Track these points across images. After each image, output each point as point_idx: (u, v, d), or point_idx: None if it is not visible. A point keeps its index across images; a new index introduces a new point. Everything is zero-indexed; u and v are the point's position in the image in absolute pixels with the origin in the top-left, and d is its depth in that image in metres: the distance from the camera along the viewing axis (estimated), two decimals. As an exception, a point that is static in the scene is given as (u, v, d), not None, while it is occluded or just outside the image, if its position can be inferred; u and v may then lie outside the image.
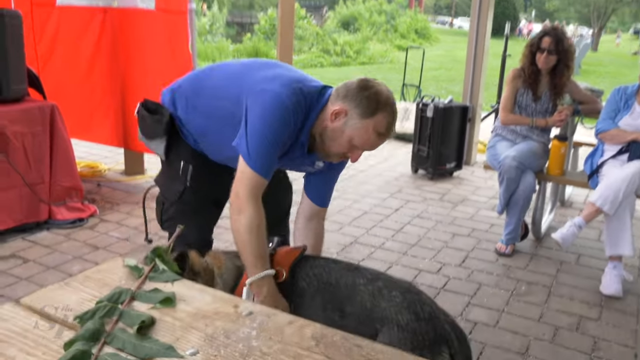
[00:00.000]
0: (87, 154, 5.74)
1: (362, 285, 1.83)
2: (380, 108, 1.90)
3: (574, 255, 3.89)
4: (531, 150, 3.83)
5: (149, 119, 2.28)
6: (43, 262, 3.46)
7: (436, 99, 5.62)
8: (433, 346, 1.72)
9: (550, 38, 3.76)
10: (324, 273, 1.90)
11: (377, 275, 1.88)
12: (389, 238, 4.07)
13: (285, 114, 1.92)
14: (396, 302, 1.76)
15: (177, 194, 2.27)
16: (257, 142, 1.90)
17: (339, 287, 1.86)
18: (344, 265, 1.95)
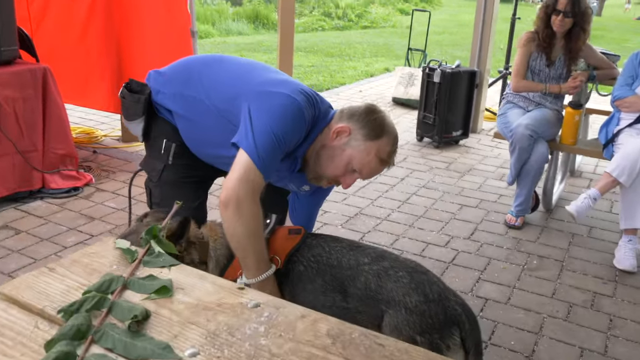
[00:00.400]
0: (83, 120, 5.58)
1: (367, 265, 1.71)
2: (385, 133, 1.83)
3: (586, 227, 3.76)
4: (544, 118, 3.67)
5: (129, 99, 2.12)
6: (36, 234, 3.33)
7: (443, 64, 5.42)
8: (443, 328, 1.62)
9: (568, 0, 3.56)
10: (323, 254, 1.78)
11: (381, 254, 1.76)
12: (395, 209, 3.93)
13: (299, 119, 1.78)
14: (403, 282, 1.66)
15: (158, 173, 2.12)
16: (266, 141, 1.71)
17: (340, 268, 1.74)
18: (345, 244, 1.82)
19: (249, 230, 1.70)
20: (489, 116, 6.40)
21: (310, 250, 1.79)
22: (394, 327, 1.63)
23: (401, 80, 6.95)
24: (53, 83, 3.78)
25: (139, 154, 4.75)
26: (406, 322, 1.61)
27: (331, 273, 1.74)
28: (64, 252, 3.14)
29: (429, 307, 1.61)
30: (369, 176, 1.88)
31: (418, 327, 1.60)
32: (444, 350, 1.60)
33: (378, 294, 1.67)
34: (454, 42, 14.45)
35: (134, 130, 2.16)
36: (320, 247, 1.79)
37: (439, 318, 1.61)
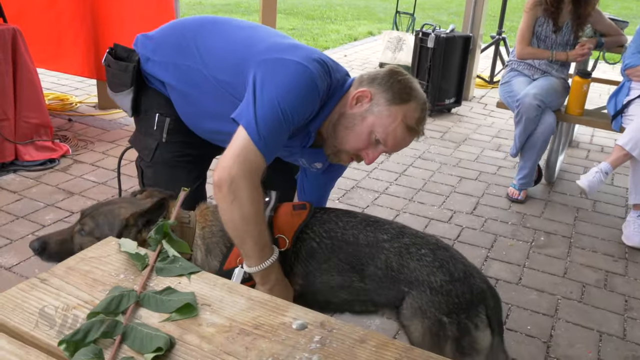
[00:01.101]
0: (55, 85, 5.24)
1: (386, 242, 1.54)
2: (413, 97, 1.59)
3: (590, 201, 3.64)
4: (552, 86, 3.50)
5: (115, 67, 1.85)
6: (11, 211, 3.07)
7: (437, 28, 5.19)
8: (470, 308, 1.50)
9: None
10: (337, 229, 1.59)
11: (401, 230, 1.59)
12: (392, 182, 3.75)
13: (311, 91, 1.53)
14: (427, 261, 1.51)
15: (150, 152, 1.87)
16: (270, 117, 1.48)
17: (358, 245, 1.55)
18: (360, 218, 1.63)
19: (246, 215, 1.46)
20: (480, 83, 6.23)
21: (322, 225, 1.59)
22: (417, 309, 1.49)
23: (389, 45, 6.70)
24: (24, 45, 3.47)
25: (117, 122, 4.48)
26: (431, 303, 1.48)
27: (347, 250, 1.56)
28: (43, 232, 2.89)
29: (455, 287, 1.49)
30: (394, 148, 1.63)
31: (444, 307, 1.48)
32: (472, 330, 1.50)
33: (400, 274, 1.51)
34: (436, 5, 14.18)
35: (122, 103, 1.90)
36: (333, 222, 1.60)
37: (465, 297, 1.49)
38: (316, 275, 1.59)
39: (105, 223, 1.47)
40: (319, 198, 2.02)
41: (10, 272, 2.56)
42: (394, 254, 1.53)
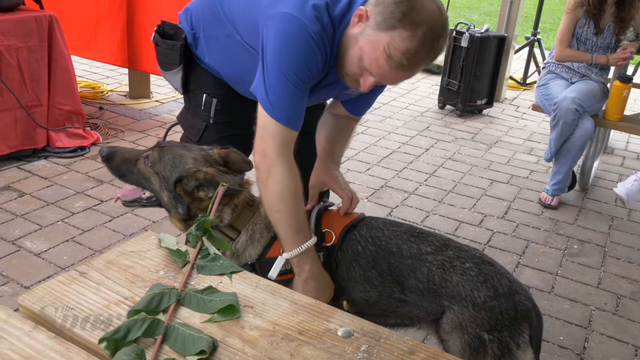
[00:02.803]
0: (87, 73, 5.27)
1: (430, 254, 1.49)
2: (404, 24, 1.33)
3: (625, 210, 3.54)
4: (590, 91, 3.40)
5: (163, 45, 1.83)
6: (41, 197, 3.09)
7: (472, 27, 5.10)
8: (513, 325, 1.44)
9: None
10: (382, 237, 1.54)
11: (445, 243, 1.53)
12: (422, 182, 3.70)
13: (305, 43, 1.42)
14: (471, 275, 1.45)
15: (198, 132, 1.86)
16: (277, 86, 1.43)
17: (401, 256, 1.50)
18: (405, 228, 1.58)
19: (281, 191, 1.44)
20: (512, 85, 6.12)
21: (370, 230, 1.55)
22: (457, 325, 1.44)
23: (421, 43, 6.61)
24: (59, 33, 3.48)
25: (147, 111, 4.49)
26: (473, 319, 1.43)
27: (390, 261, 1.51)
28: (72, 219, 2.90)
29: (499, 303, 1.43)
30: (382, 79, 1.44)
31: (486, 324, 1.42)
32: (514, 349, 1.44)
33: (442, 288, 1.46)
34: (466, 4, 14.00)
35: (172, 80, 1.89)
36: (380, 230, 1.56)
37: (509, 314, 1.43)
38: (357, 281, 1.54)
39: (170, 163, 1.47)
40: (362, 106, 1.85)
41: (39, 257, 2.57)
42: (437, 266, 1.48)
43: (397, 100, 5.50)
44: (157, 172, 1.48)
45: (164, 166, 1.47)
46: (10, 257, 2.57)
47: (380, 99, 5.31)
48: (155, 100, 4.74)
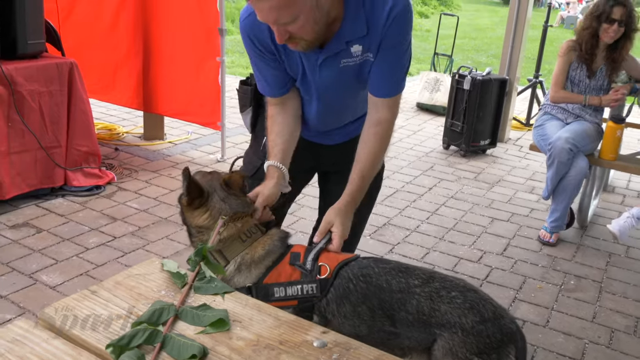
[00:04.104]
0: (104, 115, 5.50)
1: (418, 287, 1.59)
2: None
3: (623, 247, 3.62)
4: (584, 131, 3.53)
5: (240, 90, 2.15)
6: (57, 233, 3.25)
7: (474, 71, 5.28)
8: (500, 347, 1.53)
9: (623, 8, 3.40)
10: (372, 274, 1.65)
11: (431, 275, 1.64)
12: (424, 220, 3.81)
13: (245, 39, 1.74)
14: (457, 303, 1.55)
15: (254, 168, 2.04)
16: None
17: (390, 291, 1.61)
18: (394, 265, 1.69)
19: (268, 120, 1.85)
20: (516, 125, 6.26)
21: (361, 269, 1.67)
22: (448, 350, 1.53)
23: (426, 85, 6.82)
24: (79, 78, 3.70)
25: (161, 152, 4.67)
26: (463, 343, 1.52)
27: (380, 296, 1.62)
28: (86, 254, 3.05)
29: (486, 327, 1.53)
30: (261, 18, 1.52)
31: (475, 347, 1.51)
32: None
33: (431, 317, 1.56)
34: (475, 47, 14.30)
35: (245, 120, 2.16)
36: (370, 268, 1.67)
37: (496, 337, 1.52)
38: (347, 317, 1.65)
39: None
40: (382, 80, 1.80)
41: (54, 290, 2.71)
42: (425, 298, 1.58)
43: (403, 141, 5.65)
44: None
45: None
46: (27, 290, 2.72)
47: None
48: (169, 141, 4.93)
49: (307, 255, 1.62)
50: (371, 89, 1.78)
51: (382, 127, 1.79)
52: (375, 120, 1.78)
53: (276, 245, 1.63)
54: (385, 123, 1.79)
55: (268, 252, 1.63)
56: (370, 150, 1.79)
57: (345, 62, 1.71)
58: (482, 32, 18.97)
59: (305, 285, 1.57)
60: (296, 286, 1.57)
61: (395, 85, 1.78)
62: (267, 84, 1.81)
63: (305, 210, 3.70)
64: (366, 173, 1.79)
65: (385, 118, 1.78)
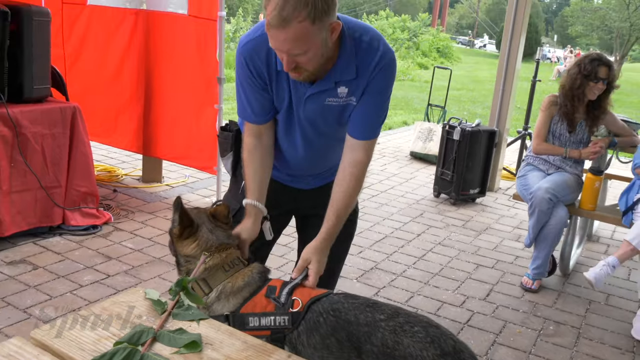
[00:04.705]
0: (105, 158, 5.66)
1: (383, 321, 1.71)
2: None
3: (603, 294, 3.72)
4: (565, 182, 3.68)
5: (221, 135, 2.26)
6: (53, 270, 3.35)
7: (463, 122, 5.47)
8: None
9: (607, 68, 3.60)
10: (342, 309, 1.77)
11: (396, 311, 1.75)
12: (410, 265, 3.92)
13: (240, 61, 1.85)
14: (419, 337, 1.65)
15: (233, 211, 2.16)
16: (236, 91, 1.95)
17: (358, 325, 1.72)
18: (362, 300, 1.81)
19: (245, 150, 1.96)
20: (506, 175, 6.42)
21: (331, 304, 1.78)
22: None
23: (420, 135, 7.01)
24: (81, 122, 3.87)
25: (158, 194, 4.81)
26: None
27: (348, 329, 1.73)
28: (80, 291, 3.15)
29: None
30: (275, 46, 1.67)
31: None
32: None
33: (395, 350, 1.66)
34: (472, 99, 14.61)
35: (225, 165, 2.27)
36: (340, 303, 1.79)
37: None
38: (316, 348, 1.76)
39: None
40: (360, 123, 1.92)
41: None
42: (390, 331, 1.69)
43: (395, 188, 5.80)
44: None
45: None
46: (20, 324, 2.81)
47: (378, 187, 5.67)
48: (166, 184, 5.07)
49: (283, 290, 1.74)
50: (350, 131, 1.91)
51: (358, 169, 1.91)
52: (351, 161, 1.90)
53: (255, 278, 1.76)
54: (360, 165, 1.91)
55: (247, 284, 1.76)
56: (346, 190, 1.90)
57: (330, 101, 1.86)
58: (480, 84, 19.41)
59: (278, 317, 1.69)
60: (270, 317, 1.68)
61: (373, 130, 1.92)
62: (250, 109, 1.91)
63: (294, 253, 3.81)
64: (341, 212, 1.91)
65: (361, 160, 1.90)
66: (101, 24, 4.69)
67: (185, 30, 4.29)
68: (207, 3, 4.11)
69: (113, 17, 4.64)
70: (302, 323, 1.74)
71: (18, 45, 3.55)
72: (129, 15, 4.57)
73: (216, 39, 4.09)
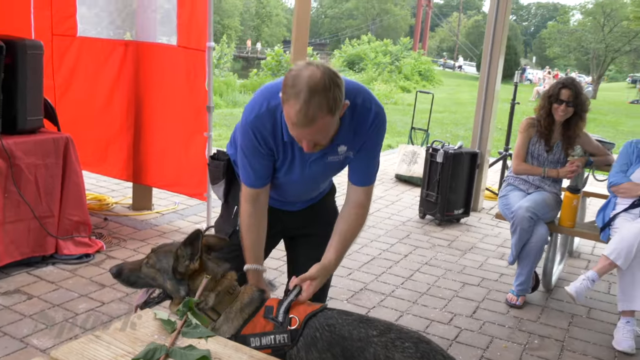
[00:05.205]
0: (94, 187, 5.72)
1: (375, 337, 1.81)
2: (289, 95, 1.74)
3: (585, 308, 3.85)
4: (544, 200, 3.82)
5: (212, 164, 2.38)
6: (48, 299, 3.40)
7: (446, 144, 5.63)
8: None
9: (569, 90, 3.79)
10: (336, 324, 1.87)
11: (388, 327, 1.86)
12: (399, 285, 4.02)
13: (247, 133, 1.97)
14: (410, 352, 1.75)
15: (226, 234, 2.28)
16: (239, 158, 2.07)
17: (351, 340, 1.82)
18: (356, 317, 1.92)
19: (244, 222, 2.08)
20: (489, 195, 6.58)
21: (326, 319, 1.88)
22: None
23: (404, 158, 7.17)
24: (74, 152, 3.94)
25: (149, 222, 4.88)
26: None
27: (342, 344, 1.82)
28: (76, 319, 3.20)
29: None
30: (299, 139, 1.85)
31: None
32: None
33: None
34: (454, 121, 14.86)
35: (217, 192, 2.39)
36: (334, 319, 1.89)
37: None
38: None
39: (164, 257, 1.85)
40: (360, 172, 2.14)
41: (45, 354, 2.85)
42: (382, 347, 1.79)
43: (382, 210, 5.92)
44: (158, 269, 1.85)
45: (161, 262, 1.84)
46: (17, 354, 2.85)
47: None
48: (156, 212, 5.15)
49: (279, 308, 1.84)
50: (352, 179, 2.14)
51: (362, 210, 2.15)
52: (355, 203, 2.13)
53: (255, 296, 1.88)
54: (364, 208, 2.15)
55: (249, 303, 1.87)
56: (352, 224, 2.14)
57: (331, 159, 2.06)
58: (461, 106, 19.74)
59: (277, 336, 1.79)
60: (269, 336, 1.79)
61: (371, 177, 2.17)
62: (254, 174, 2.04)
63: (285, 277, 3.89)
64: (347, 242, 2.15)
65: (364, 203, 2.14)
66: (91, 55, 4.79)
67: (174, 61, 4.40)
68: (195, 34, 4.23)
69: (103, 48, 4.75)
70: (300, 339, 1.84)
71: (12, 78, 3.64)
72: (119, 47, 4.68)
73: (205, 69, 4.20)
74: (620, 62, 43.58)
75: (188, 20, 4.25)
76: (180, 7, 4.29)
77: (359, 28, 56.98)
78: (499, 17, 5.79)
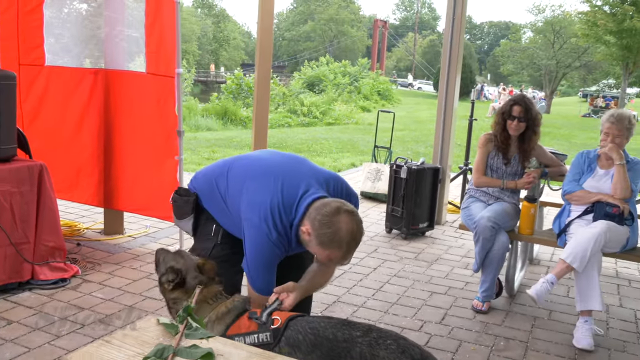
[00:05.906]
0: (64, 213, 5.73)
1: (359, 337, 1.96)
2: (333, 246, 2.14)
3: (546, 311, 4.07)
4: (504, 210, 4.05)
5: (180, 201, 2.56)
6: (28, 324, 3.44)
7: (409, 161, 5.86)
8: None
9: (520, 106, 4.05)
10: (319, 328, 2.02)
11: (369, 328, 2.03)
12: (370, 297, 4.18)
13: (271, 247, 2.24)
14: (392, 349, 1.92)
15: (207, 250, 2.45)
16: (254, 268, 2.27)
17: (336, 341, 1.97)
18: (337, 320, 2.08)
19: None
20: (451, 209, 6.82)
21: (308, 323, 2.03)
22: None
23: (369, 176, 7.38)
24: (48, 179, 4.00)
25: (121, 246, 4.94)
26: None
27: (328, 346, 1.97)
28: (58, 341, 3.25)
29: None
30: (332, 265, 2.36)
31: None
32: None
33: None
34: (414, 138, 15.21)
35: (185, 227, 2.57)
36: (316, 322, 2.04)
37: None
38: None
39: None
40: None
41: None
42: (366, 346, 1.95)
43: (349, 226, 6.07)
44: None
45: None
46: (1, 378, 2.90)
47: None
48: (128, 235, 5.21)
49: (263, 312, 2.01)
50: None
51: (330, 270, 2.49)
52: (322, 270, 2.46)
53: (237, 305, 2.04)
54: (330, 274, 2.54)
55: (230, 310, 2.02)
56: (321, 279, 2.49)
57: None
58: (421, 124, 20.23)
59: (260, 334, 1.94)
60: (253, 335, 1.94)
61: None
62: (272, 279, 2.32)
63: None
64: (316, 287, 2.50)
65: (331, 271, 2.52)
66: (60, 84, 4.85)
67: (144, 87, 4.51)
68: (164, 61, 4.36)
69: (72, 76, 4.82)
70: (283, 339, 1.98)
71: (-14, 109, 3.71)
72: (88, 75, 4.77)
73: (175, 94, 4.33)
74: (572, 77, 45.27)
75: (156, 47, 4.38)
76: (149, 36, 4.41)
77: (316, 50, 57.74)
78: (454, 37, 6.06)
